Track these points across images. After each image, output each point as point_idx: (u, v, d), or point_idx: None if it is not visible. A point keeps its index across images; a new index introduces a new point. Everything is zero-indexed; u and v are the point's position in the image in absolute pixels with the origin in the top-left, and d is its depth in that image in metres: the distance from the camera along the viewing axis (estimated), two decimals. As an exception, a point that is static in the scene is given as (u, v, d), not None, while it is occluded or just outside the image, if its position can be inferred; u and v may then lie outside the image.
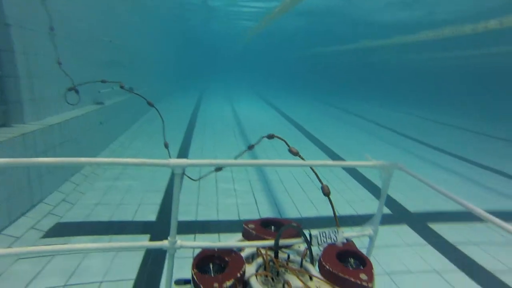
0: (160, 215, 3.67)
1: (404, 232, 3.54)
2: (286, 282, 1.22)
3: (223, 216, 3.73)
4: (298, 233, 1.44)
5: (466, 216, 3.83)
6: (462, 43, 13.12)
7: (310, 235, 1.43)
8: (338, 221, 1.66)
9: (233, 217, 3.74)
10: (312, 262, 1.35)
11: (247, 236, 1.49)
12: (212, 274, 1.24)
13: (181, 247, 1.36)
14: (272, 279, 1.27)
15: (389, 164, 1.67)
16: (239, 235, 1.54)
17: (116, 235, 3.14)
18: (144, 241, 1.34)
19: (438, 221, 3.82)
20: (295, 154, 1.75)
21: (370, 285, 1.13)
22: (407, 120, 12.24)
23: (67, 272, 2.53)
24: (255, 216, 3.79)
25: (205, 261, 1.30)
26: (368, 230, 1.76)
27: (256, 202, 4.14)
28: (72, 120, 4.45)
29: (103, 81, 3.72)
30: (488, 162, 6.53)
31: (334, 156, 6.56)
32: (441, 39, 11.14)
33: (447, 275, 2.84)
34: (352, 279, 1.14)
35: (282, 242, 1.38)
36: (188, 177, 2.60)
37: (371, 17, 13.34)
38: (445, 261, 3.06)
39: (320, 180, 1.59)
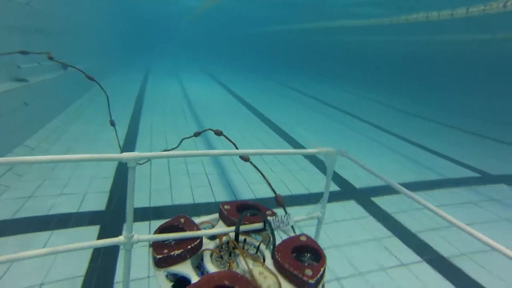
0: (110, 203, 3.42)
1: (351, 207, 3.86)
2: (235, 262, 1.30)
3: (177, 201, 3.64)
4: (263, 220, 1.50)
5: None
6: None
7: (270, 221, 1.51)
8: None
9: (187, 200, 3.67)
10: (274, 249, 1.41)
11: (221, 216, 1.56)
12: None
13: (139, 241, 1.33)
14: (222, 258, 1.34)
15: (334, 151, 1.80)
16: (216, 214, 1.62)
17: (58, 230, 2.85)
18: (95, 241, 1.24)
19: (378, 195, 4.25)
20: (246, 160, 1.78)
21: (311, 281, 1.17)
22: (341, 96, 13.05)
23: (-1, 276, 2.25)
24: (209, 198, 3.77)
25: (168, 230, 1.38)
26: (316, 213, 1.91)
27: (210, 184, 4.11)
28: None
29: (23, 52, 3.00)
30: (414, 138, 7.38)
31: (278, 130, 6.76)
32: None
33: (385, 240, 3.21)
34: (295, 272, 1.18)
35: (244, 227, 1.45)
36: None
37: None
38: (383, 229, 3.45)
39: (273, 190, 1.68)
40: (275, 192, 1.69)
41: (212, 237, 1.49)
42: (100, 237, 2.81)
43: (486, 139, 7.95)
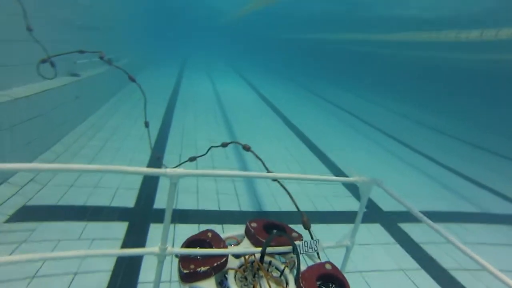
0: (138, 200, 3.58)
1: (376, 231, 3.72)
2: (259, 285, 1.31)
3: (203, 205, 3.71)
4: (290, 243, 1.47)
5: (429, 217, 4.09)
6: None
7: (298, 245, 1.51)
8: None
9: (212, 206, 3.74)
10: (297, 275, 1.39)
11: (247, 234, 1.58)
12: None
13: (171, 253, 1.38)
14: (246, 278, 1.36)
15: (369, 180, 1.76)
16: (242, 228, 1.65)
17: (91, 222, 3.03)
18: (131, 249, 1.32)
19: (407, 221, 4.05)
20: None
21: None
22: (374, 109, 12.60)
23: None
24: (234, 206, 3.81)
25: (195, 244, 1.43)
26: (346, 241, 1.88)
27: (236, 192, 4.15)
28: (43, 93, 4.12)
29: (81, 52, 3.35)
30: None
31: (307, 142, 6.67)
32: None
33: (411, 273, 3.05)
34: None
35: (271, 249, 1.45)
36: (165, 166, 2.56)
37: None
38: (410, 259, 3.28)
39: (300, 212, 1.64)
40: (302, 215, 1.66)
41: (237, 255, 1.51)
42: (128, 233, 2.95)
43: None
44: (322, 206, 4.15)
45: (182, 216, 3.41)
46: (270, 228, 1.61)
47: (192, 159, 2.28)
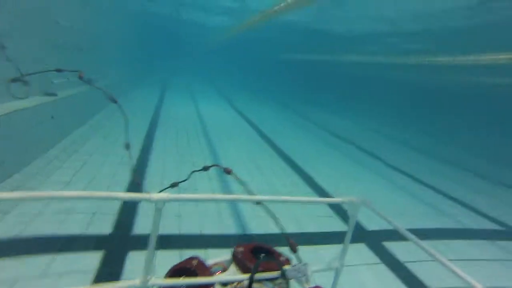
0: (116, 227, 3.38)
1: (361, 251, 3.70)
2: None
3: (185, 230, 3.56)
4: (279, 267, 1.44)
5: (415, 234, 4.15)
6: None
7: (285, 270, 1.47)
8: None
9: (195, 230, 3.60)
10: None
11: (235, 259, 1.53)
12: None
13: (155, 285, 1.30)
14: None
15: (357, 201, 1.78)
16: (228, 253, 1.59)
17: (60, 254, 2.80)
18: (111, 282, 1.22)
19: (391, 239, 4.07)
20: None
21: None
22: (359, 131, 12.96)
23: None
24: (218, 229, 3.69)
25: (180, 273, 1.37)
26: (335, 264, 1.86)
27: (219, 213, 4.04)
28: (15, 113, 3.93)
29: (58, 70, 3.23)
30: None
31: (295, 165, 6.70)
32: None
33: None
34: None
35: (259, 275, 1.40)
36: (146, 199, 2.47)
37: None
38: (397, 280, 3.26)
39: (287, 238, 1.63)
40: (288, 240, 1.63)
41: (224, 283, 1.44)
42: (103, 264, 2.75)
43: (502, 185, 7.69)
44: (307, 226, 4.11)
45: (162, 242, 3.24)
46: (258, 252, 1.56)
47: (174, 184, 2.24)
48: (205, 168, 2.09)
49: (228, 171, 1.89)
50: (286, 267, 1.47)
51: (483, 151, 11.61)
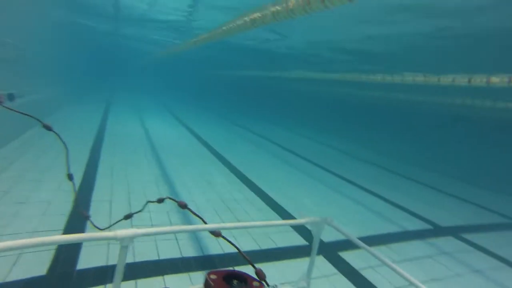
0: (53, 265, 2.96)
1: (320, 264, 3.82)
2: None
3: (140, 257, 3.30)
4: None
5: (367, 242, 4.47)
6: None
7: None
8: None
9: (151, 256, 3.35)
10: None
11: (207, 287, 1.47)
12: None
13: None
14: None
15: (319, 220, 1.87)
16: (200, 285, 1.52)
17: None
18: None
19: (344, 249, 4.30)
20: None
21: None
22: (300, 141, 13.70)
23: None
24: (176, 253, 3.49)
25: None
26: (302, 283, 1.91)
27: (176, 237, 3.84)
28: None
29: None
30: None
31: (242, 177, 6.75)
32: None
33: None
34: None
35: None
36: (96, 227, 2.25)
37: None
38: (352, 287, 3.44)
39: (253, 265, 1.64)
40: (255, 267, 1.63)
41: None
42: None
43: (429, 188, 8.73)
44: (266, 243, 4.12)
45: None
46: (231, 279, 1.53)
47: (128, 216, 2.12)
48: (159, 200, 2.03)
49: (182, 205, 1.84)
50: None
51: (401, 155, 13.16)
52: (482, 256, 4.90)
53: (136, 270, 3.07)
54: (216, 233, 1.63)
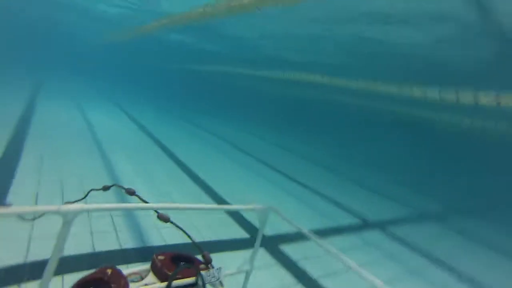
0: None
1: (261, 256, 4.00)
2: None
3: (74, 250, 3.06)
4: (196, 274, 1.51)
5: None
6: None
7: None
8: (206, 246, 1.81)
9: (86, 249, 3.14)
10: None
11: (153, 268, 1.49)
12: None
13: None
14: None
15: (266, 208, 2.01)
16: (147, 264, 1.53)
17: None
18: None
19: (285, 242, 4.56)
20: (167, 221, 1.68)
21: None
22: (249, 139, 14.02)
23: None
24: (113, 245, 3.33)
25: (90, 285, 1.27)
26: (245, 266, 2.03)
27: (115, 229, 3.65)
28: None
29: None
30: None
31: (191, 173, 6.69)
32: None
33: (292, 288, 3.42)
34: None
35: (176, 282, 1.43)
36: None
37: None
38: (290, 277, 3.68)
39: (200, 249, 1.63)
40: (202, 251, 1.65)
41: None
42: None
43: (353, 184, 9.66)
44: (209, 235, 4.16)
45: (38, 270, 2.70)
46: (178, 260, 1.57)
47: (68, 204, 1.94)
48: (105, 188, 1.88)
49: (130, 192, 1.77)
50: (203, 273, 1.52)
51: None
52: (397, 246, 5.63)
53: (69, 264, 2.85)
54: (164, 218, 1.63)
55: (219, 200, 5.64)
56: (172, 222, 1.72)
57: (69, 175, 5.03)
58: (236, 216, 4.98)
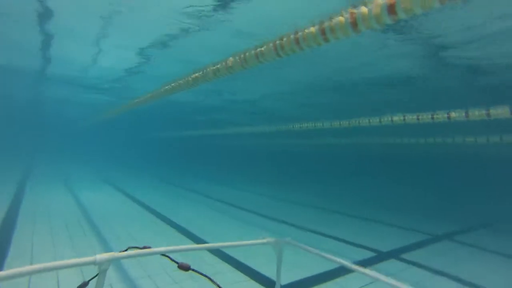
0: None
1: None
2: None
3: None
4: None
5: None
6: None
7: None
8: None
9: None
10: None
11: None
12: None
13: None
14: None
15: (280, 240, 2.03)
16: None
17: None
18: None
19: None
20: (187, 269, 1.61)
21: None
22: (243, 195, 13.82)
23: None
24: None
25: None
26: None
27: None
28: None
29: None
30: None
31: (194, 237, 6.43)
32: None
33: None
34: None
35: None
36: None
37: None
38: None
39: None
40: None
41: None
42: None
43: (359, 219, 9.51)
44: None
45: None
46: None
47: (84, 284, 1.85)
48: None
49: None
50: None
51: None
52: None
53: None
54: (184, 267, 1.61)
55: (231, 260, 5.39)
56: (193, 270, 1.68)
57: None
58: (249, 273, 4.73)
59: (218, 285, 1.62)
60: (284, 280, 4.49)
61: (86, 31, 6.56)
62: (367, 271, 1.66)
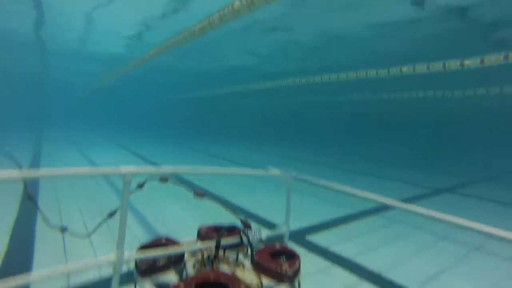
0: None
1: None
2: (217, 268, 1.50)
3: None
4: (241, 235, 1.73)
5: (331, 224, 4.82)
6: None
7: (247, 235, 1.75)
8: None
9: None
10: (252, 252, 1.61)
11: (200, 237, 1.76)
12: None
13: (129, 259, 1.37)
14: (205, 265, 1.52)
15: (286, 172, 2.16)
16: (194, 237, 1.79)
17: None
18: (89, 260, 1.16)
19: (311, 233, 4.58)
20: (201, 195, 1.75)
21: (289, 272, 1.41)
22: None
23: None
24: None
25: (151, 247, 1.51)
26: (282, 229, 2.17)
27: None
28: None
29: None
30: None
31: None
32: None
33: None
34: (274, 268, 1.41)
35: (224, 240, 1.65)
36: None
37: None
38: (322, 260, 3.69)
39: (238, 217, 1.85)
40: (240, 217, 1.84)
41: (193, 252, 1.63)
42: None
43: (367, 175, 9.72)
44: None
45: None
46: (220, 230, 1.75)
47: (111, 214, 1.98)
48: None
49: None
50: (246, 230, 1.75)
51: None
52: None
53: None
54: (199, 193, 1.77)
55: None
56: (208, 196, 1.83)
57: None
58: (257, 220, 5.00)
59: (232, 208, 1.89)
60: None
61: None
62: (368, 194, 1.79)
